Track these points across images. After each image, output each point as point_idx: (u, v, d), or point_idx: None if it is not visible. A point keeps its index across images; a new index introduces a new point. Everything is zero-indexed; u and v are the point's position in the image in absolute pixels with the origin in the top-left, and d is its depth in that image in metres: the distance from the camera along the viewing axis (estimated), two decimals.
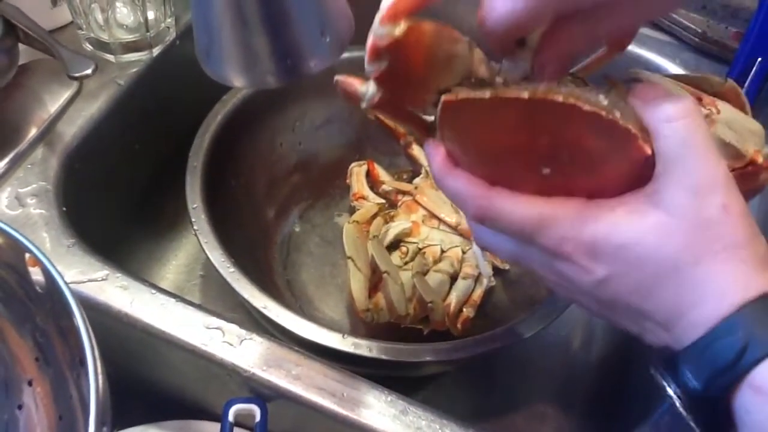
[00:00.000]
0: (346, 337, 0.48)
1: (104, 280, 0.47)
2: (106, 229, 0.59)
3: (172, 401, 0.51)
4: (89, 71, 0.51)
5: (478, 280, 0.61)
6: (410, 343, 0.49)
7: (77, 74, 0.51)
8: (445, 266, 0.61)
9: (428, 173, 0.67)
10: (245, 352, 0.44)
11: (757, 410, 0.28)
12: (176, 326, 0.45)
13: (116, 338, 0.46)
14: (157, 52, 0.62)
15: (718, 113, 0.32)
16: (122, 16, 0.60)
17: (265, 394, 0.44)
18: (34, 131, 0.55)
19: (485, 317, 0.61)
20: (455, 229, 0.63)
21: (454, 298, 0.59)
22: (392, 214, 0.65)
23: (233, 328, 0.45)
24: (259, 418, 0.43)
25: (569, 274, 0.32)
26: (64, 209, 0.52)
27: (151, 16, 0.60)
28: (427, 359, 0.49)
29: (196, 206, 0.54)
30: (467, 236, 0.63)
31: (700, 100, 0.33)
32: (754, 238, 0.30)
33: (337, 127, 0.70)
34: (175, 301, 0.46)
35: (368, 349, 0.47)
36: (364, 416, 0.42)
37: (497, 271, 0.64)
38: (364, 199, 0.67)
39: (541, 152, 0.31)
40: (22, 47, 0.54)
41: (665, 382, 0.30)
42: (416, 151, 0.69)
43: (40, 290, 0.39)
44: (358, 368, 0.46)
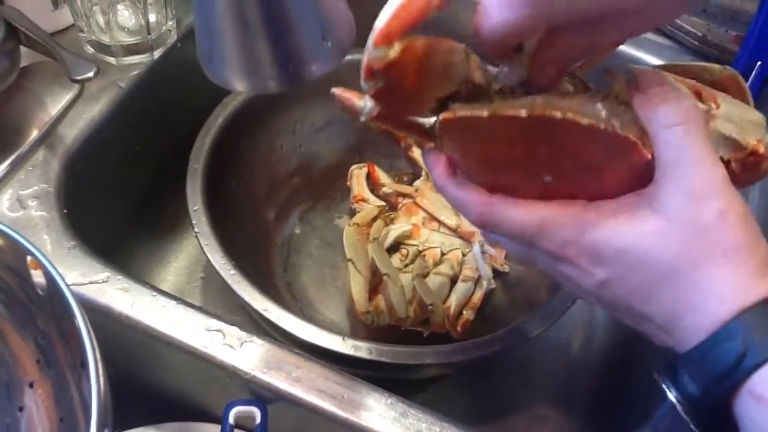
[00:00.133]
0: (346, 339, 0.48)
1: (105, 282, 0.47)
2: (106, 231, 0.59)
3: (172, 403, 0.51)
4: (91, 74, 0.51)
5: (478, 282, 0.61)
6: (410, 345, 0.49)
7: (79, 77, 0.51)
8: (445, 269, 0.61)
9: (428, 176, 0.67)
10: (246, 354, 0.44)
11: (757, 416, 0.28)
12: (177, 328, 0.45)
13: (117, 340, 0.46)
14: (158, 54, 0.62)
15: (717, 108, 0.32)
16: (123, 18, 0.60)
17: (265, 396, 0.44)
18: (35, 133, 0.55)
19: (485, 319, 0.61)
20: (455, 231, 0.64)
21: (454, 300, 0.59)
22: (392, 216, 0.65)
23: (234, 330, 0.45)
24: (259, 420, 0.43)
25: (572, 275, 0.33)
26: (65, 211, 0.52)
27: (152, 18, 0.60)
28: (427, 362, 0.49)
29: (196, 208, 0.54)
30: (467, 239, 0.63)
31: (699, 95, 0.33)
32: (754, 241, 0.30)
33: (337, 129, 0.70)
34: (175, 303, 0.47)
35: (368, 351, 0.47)
36: (364, 419, 0.42)
37: (497, 273, 0.64)
38: (364, 201, 0.67)
39: (541, 162, 0.31)
40: (23, 50, 0.55)
41: (666, 386, 0.31)
42: (416, 153, 0.69)
43: (41, 292, 0.39)
44: (358, 370, 0.46)
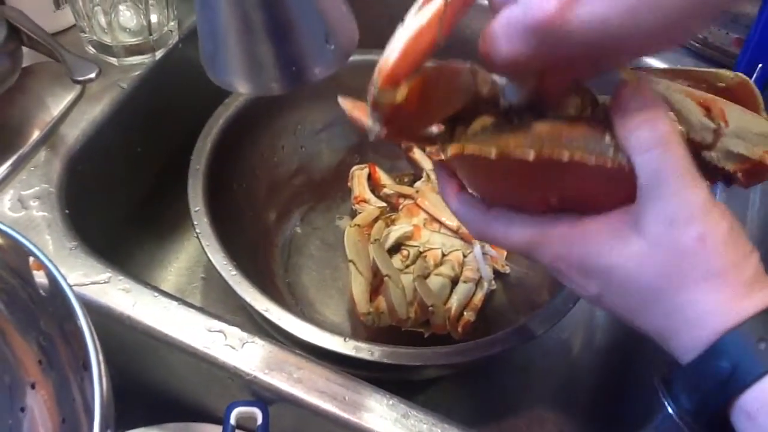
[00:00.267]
0: (347, 340, 0.48)
1: (107, 282, 0.47)
2: (108, 231, 0.59)
3: (173, 404, 0.51)
4: (92, 75, 0.51)
5: (478, 283, 0.61)
6: (411, 346, 0.49)
7: (80, 78, 0.51)
8: (446, 270, 0.61)
9: (429, 177, 0.67)
10: (247, 355, 0.44)
11: None
12: (178, 329, 0.45)
13: (118, 341, 0.46)
14: (159, 55, 0.62)
15: (726, 126, 0.32)
16: (125, 19, 0.60)
17: (266, 397, 0.44)
18: (36, 134, 0.55)
19: (486, 320, 0.61)
20: (456, 232, 0.64)
21: (455, 301, 0.59)
22: (393, 217, 0.65)
23: (235, 331, 0.45)
24: (260, 421, 0.43)
25: (569, 284, 0.34)
26: (66, 212, 0.52)
27: (154, 19, 0.60)
28: (428, 363, 0.49)
29: (198, 209, 0.54)
30: (468, 240, 0.63)
31: (708, 110, 0.32)
32: (739, 261, 0.30)
33: (338, 130, 0.70)
34: (177, 304, 0.47)
35: (369, 352, 0.47)
36: (365, 420, 0.42)
37: (498, 274, 0.64)
38: (365, 202, 0.67)
39: (544, 187, 0.32)
40: (25, 50, 0.55)
41: (664, 398, 0.31)
42: (417, 154, 0.69)
43: (43, 293, 0.39)
44: (359, 371, 0.46)
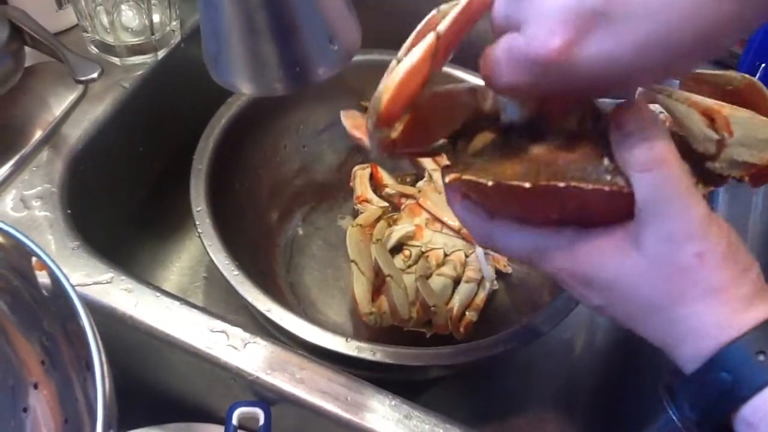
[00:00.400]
0: (350, 340, 0.48)
1: (109, 282, 0.47)
2: (110, 231, 0.59)
3: (175, 404, 0.51)
4: (95, 75, 0.51)
5: (480, 283, 0.61)
6: (413, 346, 0.49)
7: (83, 78, 0.51)
8: (448, 270, 0.61)
9: (431, 177, 0.67)
10: (249, 355, 0.44)
11: None
12: (181, 329, 0.45)
13: (120, 340, 0.45)
14: (162, 55, 0.62)
15: (730, 136, 0.31)
16: (127, 19, 0.60)
17: (268, 397, 0.44)
18: (39, 134, 0.55)
19: (488, 321, 0.61)
20: (458, 232, 0.63)
21: (457, 301, 0.59)
22: (395, 217, 0.65)
23: (237, 331, 0.45)
24: (262, 421, 0.43)
25: (570, 292, 0.34)
26: (68, 211, 0.52)
27: (156, 19, 0.60)
28: (430, 363, 0.49)
29: (200, 209, 0.54)
30: (470, 240, 0.63)
31: (713, 121, 0.32)
32: (737, 277, 0.30)
33: (340, 130, 0.70)
34: (179, 304, 0.47)
35: (371, 352, 0.47)
36: (367, 420, 0.42)
37: (500, 274, 0.64)
38: (367, 202, 0.67)
39: (545, 208, 0.33)
40: (27, 50, 0.55)
41: (668, 407, 0.32)
42: None
43: (46, 293, 0.39)
44: (361, 372, 0.46)
